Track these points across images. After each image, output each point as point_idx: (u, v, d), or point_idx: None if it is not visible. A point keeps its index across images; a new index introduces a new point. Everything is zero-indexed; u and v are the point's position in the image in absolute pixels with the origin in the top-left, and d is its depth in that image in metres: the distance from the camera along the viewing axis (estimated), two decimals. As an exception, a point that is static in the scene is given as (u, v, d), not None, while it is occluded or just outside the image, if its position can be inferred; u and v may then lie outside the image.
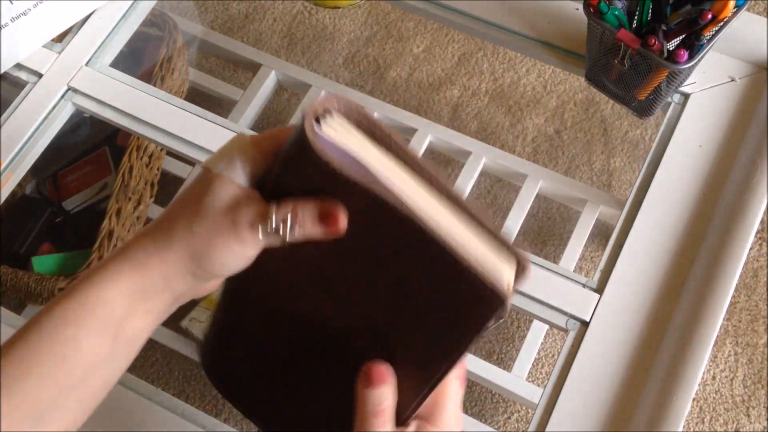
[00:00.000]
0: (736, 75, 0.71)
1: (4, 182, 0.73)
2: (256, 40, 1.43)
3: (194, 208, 0.39)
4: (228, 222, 0.39)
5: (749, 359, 1.15)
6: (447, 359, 0.40)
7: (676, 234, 0.65)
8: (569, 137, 1.31)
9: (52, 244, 1.11)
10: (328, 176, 0.36)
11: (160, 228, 0.40)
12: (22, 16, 0.75)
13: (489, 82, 1.37)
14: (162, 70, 1.07)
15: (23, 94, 0.76)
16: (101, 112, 0.75)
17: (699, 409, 1.12)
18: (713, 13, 0.59)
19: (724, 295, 0.60)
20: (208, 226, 0.39)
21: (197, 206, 0.39)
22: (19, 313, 1.08)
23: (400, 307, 0.40)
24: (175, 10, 1.36)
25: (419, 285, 0.38)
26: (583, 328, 0.62)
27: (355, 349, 0.42)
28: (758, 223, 0.62)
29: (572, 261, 1.12)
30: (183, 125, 0.73)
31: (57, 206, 1.14)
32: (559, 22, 0.75)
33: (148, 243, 0.39)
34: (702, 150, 0.68)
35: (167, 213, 0.41)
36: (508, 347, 1.17)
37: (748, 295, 1.19)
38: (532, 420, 0.60)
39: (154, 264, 0.39)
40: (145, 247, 0.39)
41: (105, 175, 1.15)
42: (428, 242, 0.36)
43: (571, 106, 1.34)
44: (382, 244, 0.38)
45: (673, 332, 0.60)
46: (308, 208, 0.38)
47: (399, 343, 0.41)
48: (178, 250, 0.39)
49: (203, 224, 0.39)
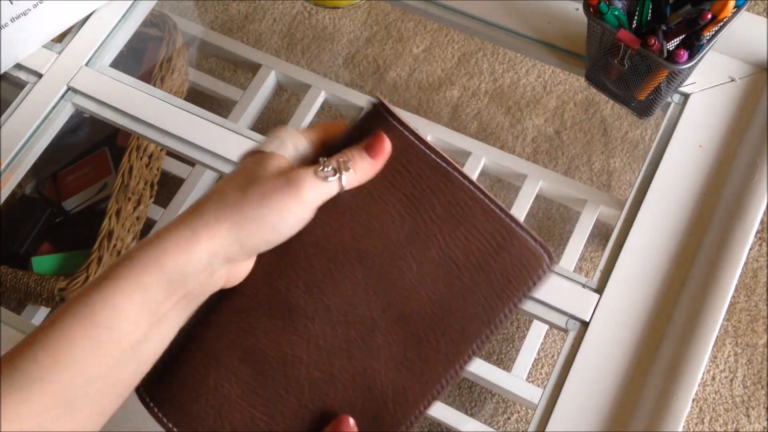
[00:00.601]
0: (736, 75, 0.71)
1: (4, 182, 0.73)
2: (256, 40, 1.43)
3: (247, 177, 0.39)
4: (283, 180, 0.39)
5: (749, 359, 1.15)
6: (491, 324, 0.41)
7: (676, 234, 0.65)
8: (569, 137, 1.31)
9: (52, 244, 1.11)
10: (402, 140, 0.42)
11: (206, 207, 0.39)
12: (22, 16, 0.75)
13: (489, 82, 1.37)
14: (162, 71, 1.07)
15: (23, 94, 0.76)
16: (101, 112, 0.75)
17: (699, 410, 1.12)
18: (713, 13, 0.59)
19: (724, 295, 0.60)
20: (262, 189, 0.38)
21: (250, 176, 0.39)
22: (18, 313, 1.09)
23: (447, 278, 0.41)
24: (175, 10, 1.36)
25: (470, 250, 0.41)
26: (583, 328, 0.62)
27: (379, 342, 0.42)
28: (758, 223, 0.62)
29: (572, 261, 1.12)
30: (183, 125, 0.73)
31: (57, 206, 1.14)
32: (559, 22, 0.75)
33: (193, 222, 0.38)
34: (702, 150, 0.68)
35: (211, 195, 0.40)
36: (508, 347, 1.17)
37: (748, 295, 1.19)
38: (532, 420, 0.60)
39: (201, 241, 0.37)
40: (191, 227, 0.38)
41: (105, 175, 1.15)
42: (482, 207, 0.41)
43: (571, 107, 1.34)
44: (438, 212, 0.42)
45: (673, 332, 0.60)
46: (355, 147, 0.41)
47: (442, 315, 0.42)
48: (230, 218, 0.38)
49: (257, 188, 0.38)
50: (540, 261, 0.42)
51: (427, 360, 0.41)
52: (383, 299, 0.42)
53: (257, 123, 1.29)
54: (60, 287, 0.94)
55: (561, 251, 1.14)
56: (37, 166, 0.83)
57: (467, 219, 0.42)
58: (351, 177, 0.40)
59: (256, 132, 0.73)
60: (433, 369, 0.41)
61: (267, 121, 1.36)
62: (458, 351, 0.42)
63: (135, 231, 1.09)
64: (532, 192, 1.14)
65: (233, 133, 0.72)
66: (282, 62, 1.27)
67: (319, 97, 1.22)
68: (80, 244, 1.07)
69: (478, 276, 0.41)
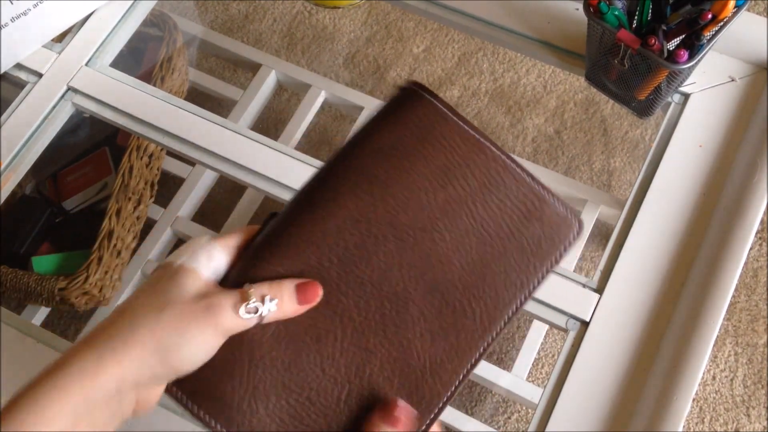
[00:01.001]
0: (736, 75, 0.71)
1: (4, 182, 0.73)
2: (256, 40, 1.43)
3: (161, 299, 0.37)
4: (201, 308, 0.37)
5: (749, 359, 1.15)
6: (525, 290, 0.42)
7: (676, 234, 0.65)
8: (569, 137, 1.31)
9: (52, 244, 1.11)
10: (436, 113, 0.43)
11: (114, 329, 0.36)
12: (22, 16, 0.75)
13: (489, 82, 1.37)
14: (162, 70, 1.07)
15: (23, 94, 0.76)
16: (101, 112, 0.75)
17: (699, 409, 1.12)
18: (713, 13, 0.59)
19: (724, 295, 0.60)
20: (177, 314, 0.37)
21: (164, 297, 0.37)
22: (18, 313, 1.09)
23: (480, 247, 0.42)
24: (175, 10, 1.36)
25: (502, 219, 0.42)
26: (583, 328, 0.62)
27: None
28: (758, 223, 0.62)
29: (572, 261, 1.12)
30: (183, 125, 0.73)
31: (57, 206, 1.14)
32: (559, 22, 0.75)
33: (99, 346, 0.36)
34: (702, 150, 0.68)
35: (121, 314, 0.37)
36: (508, 347, 1.17)
37: (748, 295, 1.19)
38: (532, 420, 0.60)
39: (108, 368, 0.35)
40: (97, 351, 0.35)
41: (105, 175, 1.15)
42: (514, 176, 0.43)
43: (571, 106, 1.34)
44: (470, 182, 0.42)
45: (673, 332, 0.60)
46: (286, 283, 0.39)
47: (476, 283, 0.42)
48: (143, 345, 0.36)
49: (172, 312, 0.37)
50: (570, 227, 0.43)
51: (462, 329, 0.41)
52: (416, 271, 0.42)
53: (257, 123, 1.29)
54: (60, 287, 0.94)
55: (561, 251, 1.14)
56: (37, 166, 0.83)
57: (499, 188, 0.43)
58: (272, 314, 0.39)
59: (257, 131, 0.73)
60: (470, 338, 0.42)
61: (267, 121, 1.36)
62: (493, 318, 0.42)
63: (135, 231, 1.09)
64: (532, 192, 1.14)
65: (233, 133, 0.72)
66: (282, 62, 1.27)
67: (319, 97, 1.22)
68: (80, 244, 1.07)
69: (510, 243, 0.42)
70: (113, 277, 1.03)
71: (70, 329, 1.21)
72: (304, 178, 0.44)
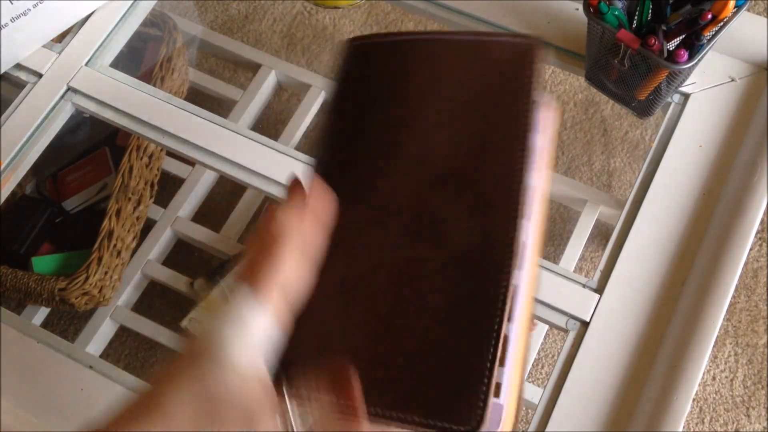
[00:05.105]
0: (736, 75, 0.71)
1: (4, 182, 0.73)
2: (256, 40, 1.43)
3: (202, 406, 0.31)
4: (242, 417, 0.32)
5: (749, 359, 1.15)
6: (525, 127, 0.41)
7: (676, 234, 0.65)
8: (569, 137, 1.31)
9: (52, 244, 1.11)
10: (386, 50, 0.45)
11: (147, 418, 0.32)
12: (22, 16, 0.75)
13: (489, 82, 1.37)
14: (162, 70, 1.07)
15: (23, 94, 0.76)
16: (101, 112, 0.75)
17: (699, 410, 1.12)
18: (713, 13, 0.59)
19: (724, 296, 0.60)
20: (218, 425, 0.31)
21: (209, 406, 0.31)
22: (18, 313, 1.09)
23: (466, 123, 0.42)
24: (175, 10, 1.36)
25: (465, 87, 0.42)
26: (583, 328, 0.62)
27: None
28: (758, 223, 0.62)
29: (572, 261, 1.12)
30: (183, 125, 0.73)
31: (57, 206, 1.14)
32: (559, 22, 0.75)
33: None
34: (702, 150, 0.68)
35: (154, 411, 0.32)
36: (508, 347, 1.17)
37: (748, 295, 1.19)
38: (532, 420, 0.60)
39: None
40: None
41: (105, 175, 1.15)
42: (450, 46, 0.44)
43: (571, 106, 1.34)
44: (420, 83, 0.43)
45: (673, 332, 0.60)
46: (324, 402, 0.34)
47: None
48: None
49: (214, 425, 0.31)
50: (528, 49, 0.42)
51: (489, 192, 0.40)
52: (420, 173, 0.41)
53: (257, 123, 1.29)
54: (60, 287, 0.94)
55: (561, 251, 1.14)
56: (37, 166, 0.83)
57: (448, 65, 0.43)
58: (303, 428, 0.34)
59: (257, 131, 0.73)
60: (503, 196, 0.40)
61: (267, 121, 1.36)
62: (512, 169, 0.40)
63: (135, 231, 1.09)
64: (532, 192, 1.13)
65: (233, 133, 0.72)
66: (282, 62, 1.27)
67: (319, 97, 1.22)
68: (80, 244, 1.07)
69: (486, 99, 0.42)
70: (113, 277, 1.03)
71: (70, 329, 1.21)
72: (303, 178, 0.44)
